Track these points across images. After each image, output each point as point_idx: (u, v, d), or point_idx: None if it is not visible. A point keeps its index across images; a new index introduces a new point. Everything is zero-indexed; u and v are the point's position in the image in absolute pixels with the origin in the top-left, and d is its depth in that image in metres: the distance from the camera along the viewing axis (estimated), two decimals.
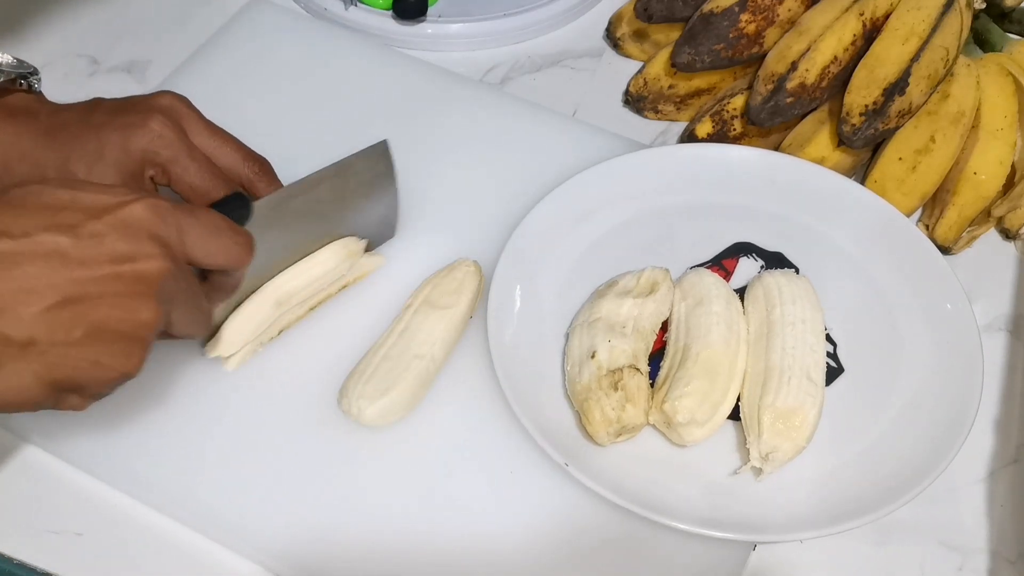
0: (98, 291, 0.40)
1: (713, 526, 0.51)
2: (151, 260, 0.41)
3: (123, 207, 0.41)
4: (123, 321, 0.40)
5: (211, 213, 0.45)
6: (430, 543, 0.53)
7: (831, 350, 0.60)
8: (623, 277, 0.60)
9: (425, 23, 0.78)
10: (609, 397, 0.54)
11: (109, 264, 0.40)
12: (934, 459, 0.54)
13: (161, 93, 0.57)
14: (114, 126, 0.54)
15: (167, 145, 0.54)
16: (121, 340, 0.41)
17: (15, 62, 0.55)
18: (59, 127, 0.55)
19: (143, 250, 0.41)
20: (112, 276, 0.40)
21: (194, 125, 0.56)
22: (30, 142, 0.54)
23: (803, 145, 0.68)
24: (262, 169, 0.57)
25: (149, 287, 0.41)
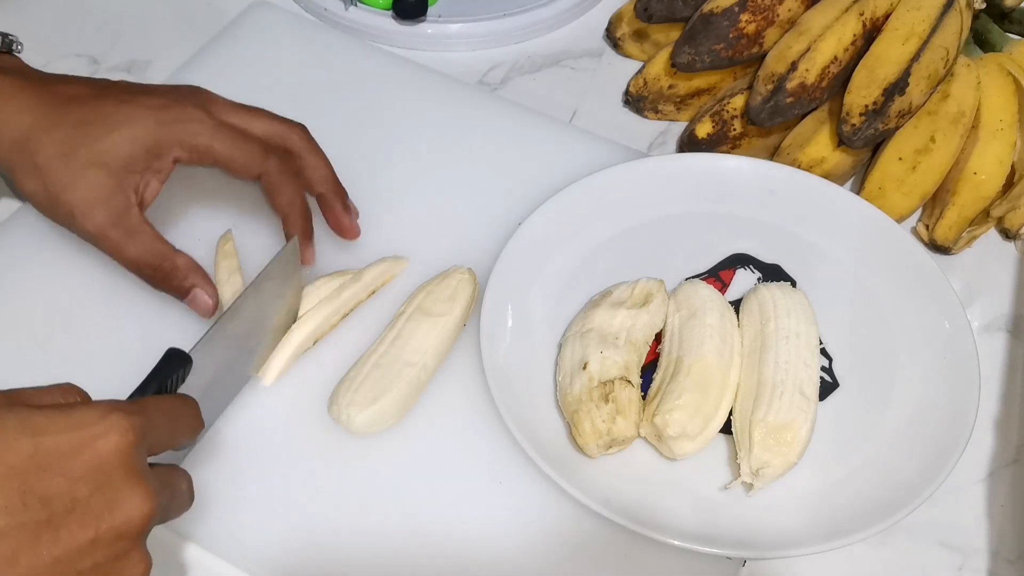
0: (84, 565, 0.36)
1: (703, 541, 0.51)
2: (133, 510, 0.37)
3: (93, 444, 0.37)
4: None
5: (163, 402, 0.43)
6: (419, 552, 0.53)
7: (826, 364, 0.60)
8: (617, 287, 0.60)
9: (425, 23, 0.78)
10: (600, 409, 0.54)
11: (86, 529, 0.36)
12: (928, 475, 0.53)
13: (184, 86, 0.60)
14: (141, 104, 0.56)
15: (195, 123, 0.56)
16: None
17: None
18: (71, 96, 0.57)
19: (122, 498, 0.37)
20: (90, 545, 0.36)
21: (220, 106, 0.59)
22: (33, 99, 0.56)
23: (803, 145, 0.68)
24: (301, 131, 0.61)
25: (134, 540, 0.38)
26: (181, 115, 0.57)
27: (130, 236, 0.57)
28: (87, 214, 0.56)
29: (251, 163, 0.58)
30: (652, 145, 0.74)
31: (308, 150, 0.61)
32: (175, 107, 0.57)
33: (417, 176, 0.69)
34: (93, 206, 0.56)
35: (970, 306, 0.65)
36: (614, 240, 0.65)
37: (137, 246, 0.57)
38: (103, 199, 0.56)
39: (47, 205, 0.57)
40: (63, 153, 0.55)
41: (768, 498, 0.54)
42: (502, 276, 0.61)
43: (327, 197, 0.62)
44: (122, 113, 0.56)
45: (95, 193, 0.56)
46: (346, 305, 0.60)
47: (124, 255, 0.57)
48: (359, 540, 0.53)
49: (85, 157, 0.56)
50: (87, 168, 0.56)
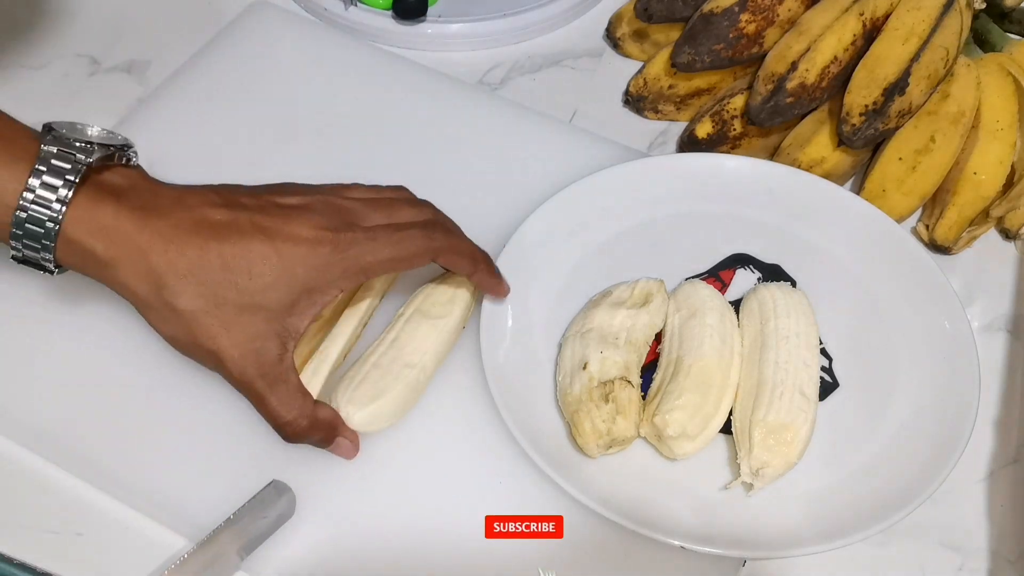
0: None
1: (703, 541, 0.51)
2: None
3: None
4: None
5: None
6: (419, 551, 0.53)
7: (826, 364, 0.60)
8: (617, 287, 0.60)
9: (425, 23, 0.78)
10: (600, 409, 0.54)
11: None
12: (928, 475, 0.53)
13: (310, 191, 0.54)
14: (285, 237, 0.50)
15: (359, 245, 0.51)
16: None
17: (106, 134, 0.50)
18: (206, 226, 0.49)
19: None
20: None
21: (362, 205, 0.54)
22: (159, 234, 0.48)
23: (803, 145, 0.68)
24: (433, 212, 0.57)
25: None
26: (335, 245, 0.51)
27: (274, 387, 0.51)
28: (237, 362, 0.50)
29: (421, 254, 0.54)
30: (652, 145, 0.74)
31: (446, 220, 0.58)
32: (326, 236, 0.51)
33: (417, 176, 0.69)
34: (245, 355, 0.50)
35: (970, 306, 0.65)
36: (614, 240, 0.65)
37: (279, 400, 0.52)
38: (255, 349, 0.50)
39: (187, 348, 0.51)
40: (210, 301, 0.49)
41: (768, 498, 0.54)
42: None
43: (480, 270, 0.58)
44: (272, 255, 0.50)
45: (248, 341, 0.50)
46: (366, 315, 0.60)
47: (264, 407, 0.52)
48: (359, 539, 0.53)
49: (236, 304, 0.49)
50: (240, 315, 0.50)
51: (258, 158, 0.69)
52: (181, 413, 0.57)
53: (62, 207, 0.46)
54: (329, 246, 0.51)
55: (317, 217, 0.51)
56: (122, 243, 0.48)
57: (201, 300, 0.49)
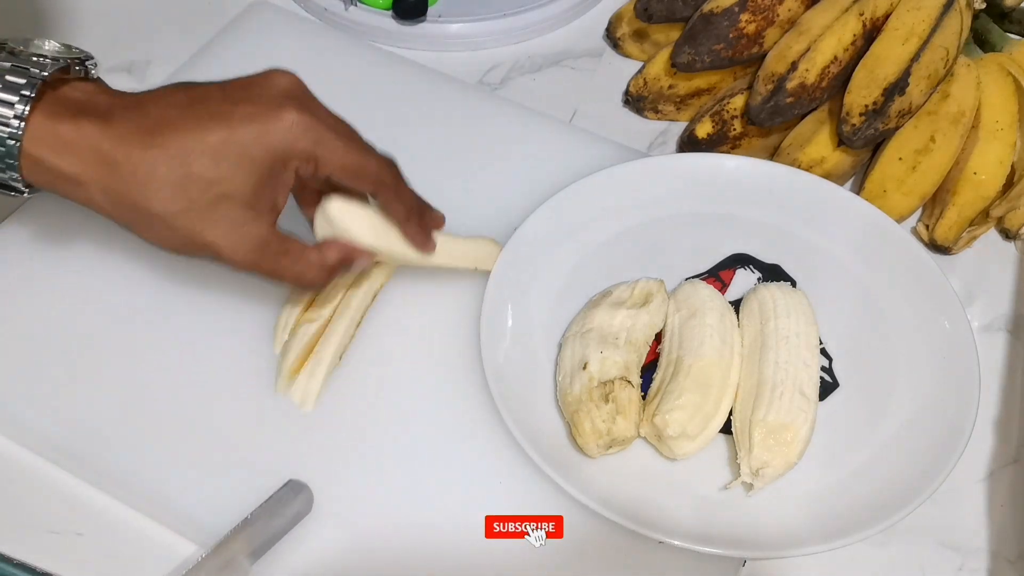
0: None
1: (703, 541, 0.51)
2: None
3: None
4: None
5: None
6: (419, 551, 0.53)
7: (826, 364, 0.60)
8: (617, 287, 0.60)
9: (425, 23, 0.78)
10: (600, 409, 0.54)
11: None
12: (928, 475, 0.53)
13: (275, 73, 0.53)
14: (239, 117, 0.50)
15: (308, 131, 0.50)
16: None
17: (62, 48, 0.50)
18: (158, 123, 0.49)
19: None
20: None
21: (322, 108, 0.53)
22: (114, 143, 0.48)
23: (803, 145, 0.68)
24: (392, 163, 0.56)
25: None
26: (292, 123, 0.51)
27: (278, 261, 0.53)
28: (234, 251, 0.51)
29: (371, 176, 0.54)
30: (652, 145, 0.74)
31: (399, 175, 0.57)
32: (283, 115, 0.51)
33: (417, 176, 0.69)
34: (236, 242, 0.51)
35: (970, 306, 0.65)
36: (614, 240, 0.65)
37: (290, 269, 0.53)
38: (244, 233, 0.51)
39: (181, 248, 0.52)
40: (183, 201, 0.49)
41: (768, 498, 0.54)
42: (502, 276, 0.61)
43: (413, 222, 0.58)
44: (229, 139, 0.49)
45: (233, 230, 0.51)
46: (357, 314, 0.60)
47: (280, 279, 0.54)
48: (358, 539, 0.53)
49: (208, 197, 0.49)
50: (215, 206, 0.50)
51: None
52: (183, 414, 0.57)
53: (20, 123, 0.46)
54: (287, 122, 0.50)
55: (277, 99, 0.51)
56: (86, 157, 0.48)
57: (175, 201, 0.49)
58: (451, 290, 0.63)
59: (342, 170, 0.52)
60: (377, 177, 0.54)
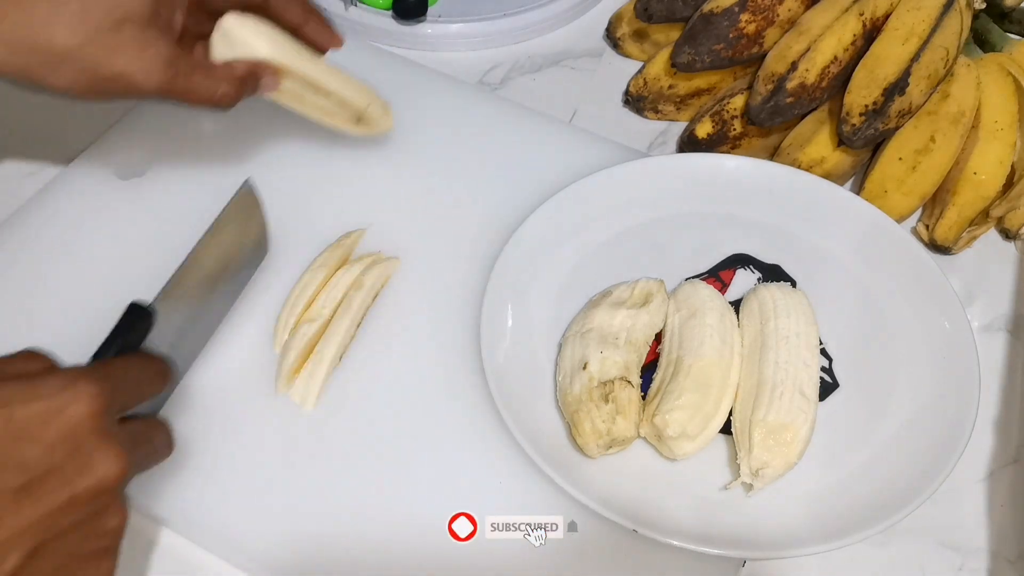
0: (59, 527, 0.38)
1: (703, 542, 0.51)
2: (107, 467, 0.39)
3: (62, 412, 0.38)
4: (90, 540, 0.39)
5: (127, 363, 0.44)
6: (418, 551, 0.53)
7: (826, 365, 0.60)
8: (617, 287, 0.60)
9: (425, 23, 0.78)
10: (600, 409, 0.54)
11: (64, 489, 0.38)
12: (928, 475, 0.53)
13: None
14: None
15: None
16: (92, 559, 0.40)
17: None
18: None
19: (96, 460, 0.38)
20: (69, 504, 0.38)
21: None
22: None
23: (803, 145, 0.68)
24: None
25: (111, 495, 0.39)
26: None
27: (190, 77, 0.53)
28: (147, 73, 0.51)
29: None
30: (652, 145, 0.74)
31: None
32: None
33: (417, 176, 0.69)
34: (146, 65, 0.51)
35: (970, 306, 0.65)
36: (614, 240, 0.65)
37: (202, 85, 0.53)
38: (152, 55, 0.51)
39: (93, 86, 0.51)
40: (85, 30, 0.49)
41: (768, 498, 0.54)
42: (502, 276, 0.61)
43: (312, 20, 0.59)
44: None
45: (141, 51, 0.51)
46: (358, 314, 0.60)
47: (195, 100, 0.54)
48: (360, 539, 0.53)
49: (110, 21, 0.50)
50: (118, 30, 0.50)
51: (258, 157, 0.69)
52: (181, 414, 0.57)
53: None
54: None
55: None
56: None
57: (77, 31, 0.49)
58: (451, 290, 0.63)
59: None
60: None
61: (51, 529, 0.37)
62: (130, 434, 0.41)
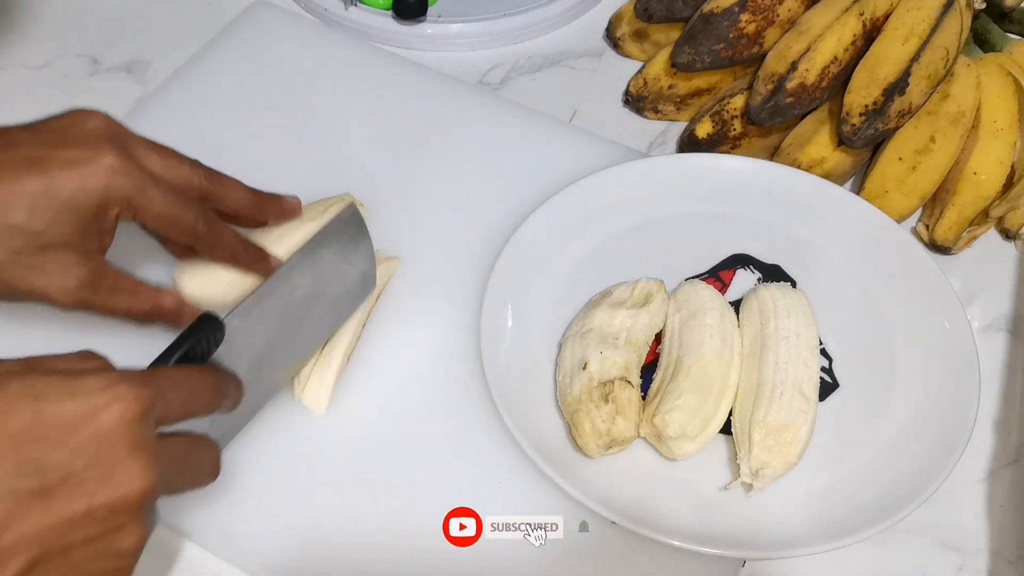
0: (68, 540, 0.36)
1: (703, 542, 0.51)
2: (131, 483, 0.37)
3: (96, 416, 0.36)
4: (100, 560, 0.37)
5: (181, 373, 0.42)
6: (418, 551, 0.53)
7: (826, 365, 0.60)
8: (617, 288, 0.60)
9: (425, 23, 0.78)
10: (599, 409, 0.54)
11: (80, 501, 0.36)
12: (928, 475, 0.53)
13: (84, 113, 0.50)
14: (57, 163, 0.48)
15: (127, 177, 0.48)
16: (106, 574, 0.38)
17: None
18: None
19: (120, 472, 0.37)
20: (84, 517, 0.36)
21: (140, 148, 0.51)
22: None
23: (803, 145, 0.68)
24: (211, 177, 0.53)
25: (129, 514, 0.37)
26: (111, 168, 0.48)
27: (111, 296, 0.51)
28: (62, 294, 0.50)
29: (177, 223, 0.51)
30: (652, 145, 0.74)
31: (218, 182, 0.55)
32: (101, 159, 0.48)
33: (417, 176, 0.69)
34: (66, 288, 0.50)
35: (970, 306, 0.65)
36: (614, 240, 0.65)
37: (121, 304, 0.52)
38: (73, 275, 0.50)
39: (10, 294, 0.50)
40: (4, 253, 0.48)
41: (768, 498, 0.54)
42: (502, 276, 0.61)
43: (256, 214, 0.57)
44: (49, 187, 0.47)
45: (62, 273, 0.49)
46: (364, 315, 0.60)
47: (113, 313, 0.52)
48: (360, 539, 0.53)
49: (32, 246, 0.48)
50: (41, 255, 0.48)
51: (258, 158, 0.69)
52: None
53: None
54: (106, 166, 0.48)
55: (93, 141, 0.49)
56: None
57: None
58: (451, 290, 0.63)
59: (158, 221, 0.51)
60: (191, 229, 0.52)
61: (60, 541, 0.36)
62: (167, 450, 0.39)
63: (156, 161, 0.51)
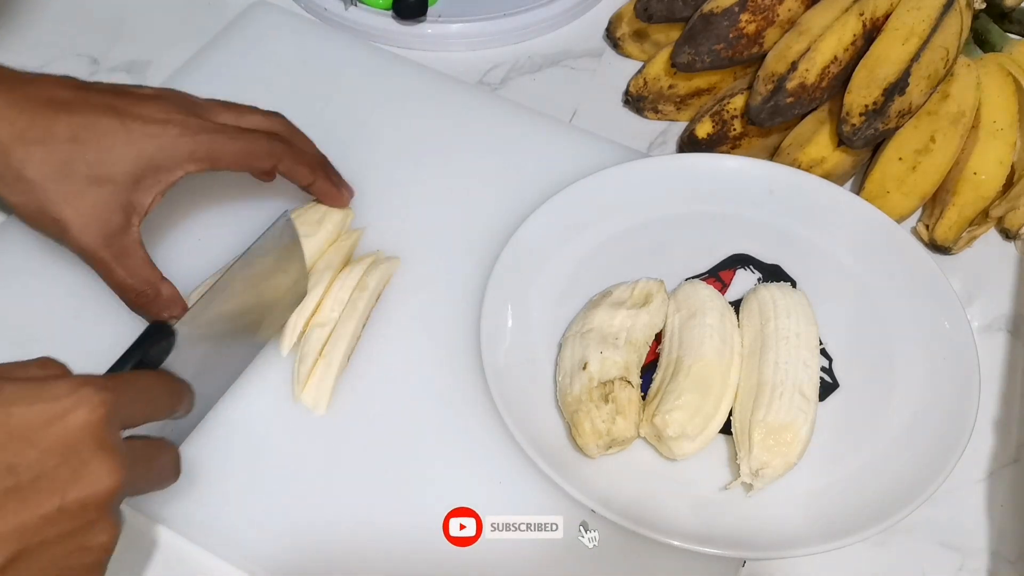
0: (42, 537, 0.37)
1: (703, 541, 0.51)
2: (100, 481, 0.38)
3: (63, 419, 0.38)
4: (75, 556, 0.39)
5: (138, 377, 0.44)
6: (417, 551, 0.53)
7: (826, 365, 0.60)
8: (617, 288, 0.60)
9: (425, 23, 0.78)
10: (600, 409, 0.54)
11: (53, 498, 0.37)
12: (928, 475, 0.53)
13: (164, 89, 0.56)
14: (136, 117, 0.52)
15: (196, 135, 0.53)
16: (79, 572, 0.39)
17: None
18: (57, 103, 0.52)
19: (89, 471, 0.38)
20: (57, 514, 0.37)
21: (209, 108, 0.56)
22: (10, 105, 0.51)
23: (803, 145, 0.68)
24: (281, 120, 0.59)
25: (100, 511, 0.38)
26: (184, 127, 0.54)
27: (121, 258, 0.54)
28: (82, 231, 0.52)
29: (264, 155, 0.56)
30: (652, 145, 0.74)
31: (294, 134, 0.60)
32: (175, 118, 0.54)
33: (417, 176, 0.69)
34: (89, 224, 0.52)
35: (970, 306, 0.65)
36: (614, 240, 0.65)
37: (125, 269, 0.54)
38: (101, 218, 0.53)
39: (34, 217, 0.53)
40: (58, 170, 0.51)
41: (768, 498, 0.54)
42: (502, 276, 0.61)
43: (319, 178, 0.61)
44: (121, 129, 0.52)
45: (93, 211, 0.52)
46: (364, 315, 0.60)
47: (111, 276, 0.55)
48: (359, 539, 0.53)
49: (84, 174, 0.52)
50: (87, 186, 0.52)
51: None
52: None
53: None
54: (178, 127, 0.53)
55: (168, 104, 0.55)
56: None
57: (49, 169, 0.51)
58: (451, 290, 0.63)
59: (235, 162, 0.55)
60: (269, 153, 0.56)
61: (35, 537, 0.37)
62: (132, 451, 0.40)
63: (227, 115, 0.57)
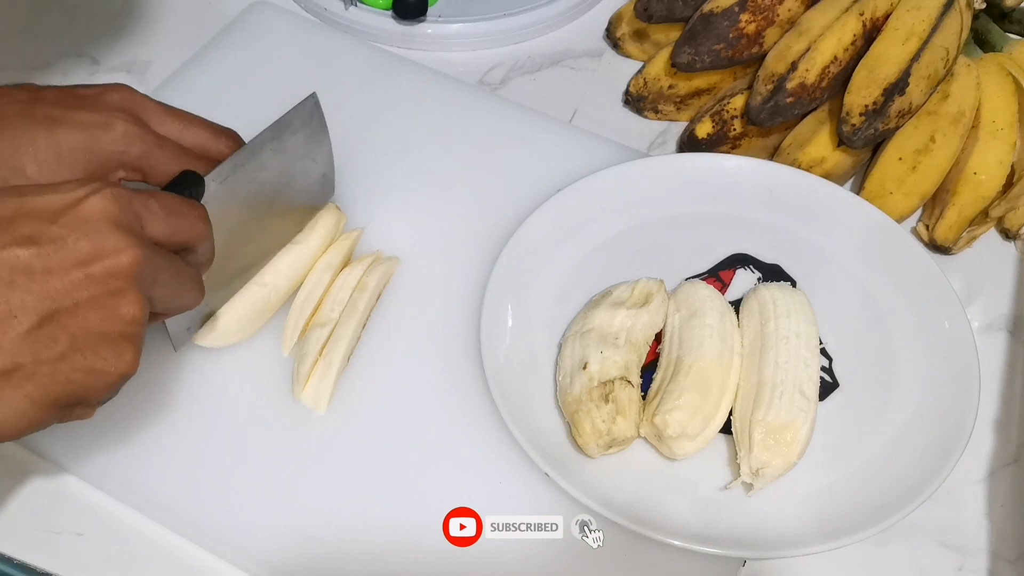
0: (73, 299, 0.39)
1: (703, 541, 0.51)
2: (121, 253, 0.40)
3: (78, 204, 0.40)
4: (107, 322, 0.40)
5: (165, 194, 0.45)
6: (417, 551, 0.53)
7: (826, 365, 0.60)
8: (617, 287, 0.60)
9: (425, 23, 0.78)
10: (600, 409, 0.54)
11: (78, 268, 0.39)
12: (928, 475, 0.53)
13: (111, 86, 0.53)
14: (71, 124, 0.50)
15: (136, 142, 0.51)
16: (109, 342, 0.40)
17: None
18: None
19: (109, 244, 0.40)
20: (84, 280, 0.39)
21: (154, 114, 0.53)
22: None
23: (803, 145, 0.68)
24: (233, 142, 0.55)
25: (126, 280, 0.40)
26: (122, 134, 0.51)
27: None
28: None
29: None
30: (652, 145, 0.74)
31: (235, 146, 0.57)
32: (113, 125, 0.51)
33: (417, 176, 0.69)
34: None
35: (970, 306, 0.65)
36: (614, 240, 0.65)
37: None
38: None
39: None
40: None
41: (768, 498, 0.54)
42: (502, 276, 0.61)
43: None
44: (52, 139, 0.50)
45: None
46: (364, 316, 0.60)
47: None
48: (360, 539, 0.53)
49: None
50: None
51: None
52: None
53: None
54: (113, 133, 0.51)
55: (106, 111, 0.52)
56: None
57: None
58: (451, 290, 0.63)
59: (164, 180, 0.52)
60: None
61: (65, 299, 0.39)
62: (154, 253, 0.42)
63: (170, 126, 0.53)
